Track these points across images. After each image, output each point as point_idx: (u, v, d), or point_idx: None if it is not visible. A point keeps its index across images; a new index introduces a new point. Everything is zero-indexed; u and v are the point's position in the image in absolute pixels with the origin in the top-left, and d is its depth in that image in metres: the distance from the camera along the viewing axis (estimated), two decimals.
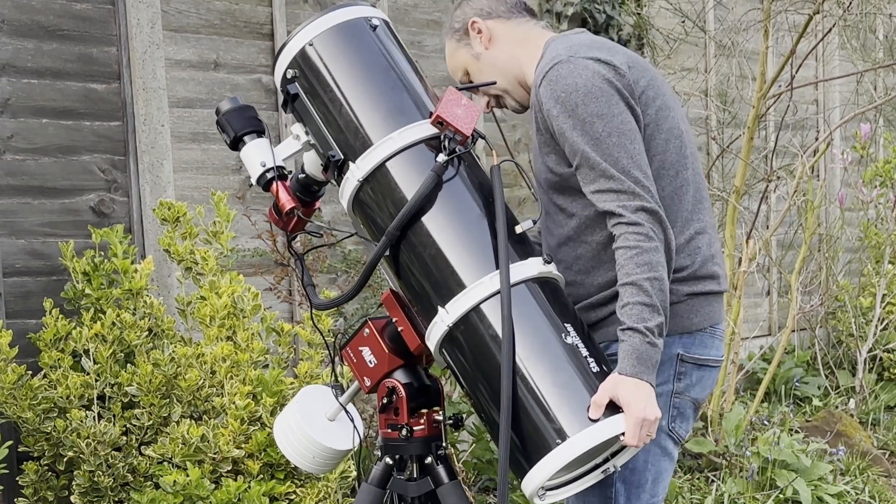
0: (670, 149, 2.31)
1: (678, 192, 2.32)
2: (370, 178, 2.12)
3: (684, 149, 2.35)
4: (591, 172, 2.19)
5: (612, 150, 2.17)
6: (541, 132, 2.28)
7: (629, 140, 2.19)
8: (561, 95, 2.20)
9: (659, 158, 2.27)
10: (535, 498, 2.03)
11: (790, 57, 5.06)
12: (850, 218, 7.35)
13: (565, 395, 2.00)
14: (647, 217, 2.16)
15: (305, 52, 2.18)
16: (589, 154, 2.17)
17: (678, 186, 2.33)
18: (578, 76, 2.20)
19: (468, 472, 4.55)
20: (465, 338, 2.06)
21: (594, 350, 2.09)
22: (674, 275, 2.28)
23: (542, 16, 5.87)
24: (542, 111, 2.25)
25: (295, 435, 2.29)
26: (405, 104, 2.16)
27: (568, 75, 2.21)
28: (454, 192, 2.11)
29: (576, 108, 2.19)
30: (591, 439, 1.97)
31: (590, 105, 2.18)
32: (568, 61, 2.22)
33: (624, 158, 2.17)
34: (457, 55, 2.44)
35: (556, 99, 2.20)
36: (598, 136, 2.18)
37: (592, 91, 2.19)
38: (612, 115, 2.19)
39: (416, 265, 2.11)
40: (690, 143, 2.40)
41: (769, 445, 4.92)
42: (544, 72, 2.24)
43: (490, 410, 2.07)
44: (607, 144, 2.17)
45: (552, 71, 2.23)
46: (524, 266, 2.07)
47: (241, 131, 2.24)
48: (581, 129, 2.18)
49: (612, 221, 2.18)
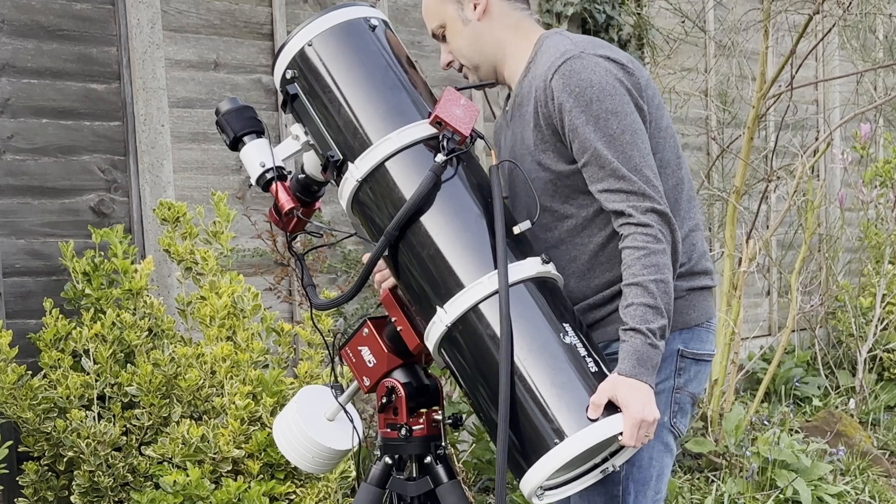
0: (668, 147, 2.31)
1: (676, 189, 2.32)
2: (369, 179, 2.12)
3: (677, 147, 2.36)
4: (601, 171, 2.18)
5: (625, 149, 2.17)
6: (539, 128, 2.25)
7: (640, 139, 2.19)
8: (576, 90, 2.18)
9: (659, 157, 2.27)
10: (533, 498, 2.03)
11: (790, 57, 5.06)
12: (850, 218, 7.36)
13: (564, 394, 2.00)
14: (656, 219, 2.15)
15: (304, 53, 2.18)
16: (601, 151, 2.16)
17: (676, 184, 2.33)
18: (593, 72, 2.19)
19: (468, 472, 4.55)
20: (463, 337, 2.06)
21: (593, 350, 2.09)
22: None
23: (542, 16, 5.87)
24: (549, 105, 2.22)
25: (294, 435, 2.30)
26: (404, 104, 2.16)
27: (582, 70, 2.19)
28: (453, 192, 2.11)
29: (590, 103, 2.17)
30: (589, 439, 1.97)
31: (605, 102, 2.17)
32: (580, 56, 2.21)
33: (636, 157, 2.17)
34: (442, 6, 2.37)
35: (570, 93, 2.18)
36: (612, 133, 2.17)
37: (607, 88, 2.18)
38: (625, 114, 2.18)
39: (415, 265, 2.11)
40: (679, 141, 2.42)
41: (769, 445, 4.92)
42: (556, 66, 2.22)
43: (489, 410, 2.07)
44: (621, 142, 2.17)
45: (565, 65, 2.21)
46: (522, 266, 2.07)
47: (240, 132, 2.24)
48: (595, 125, 2.17)
49: (620, 221, 2.18)
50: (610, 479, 2.20)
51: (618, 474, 2.21)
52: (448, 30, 2.36)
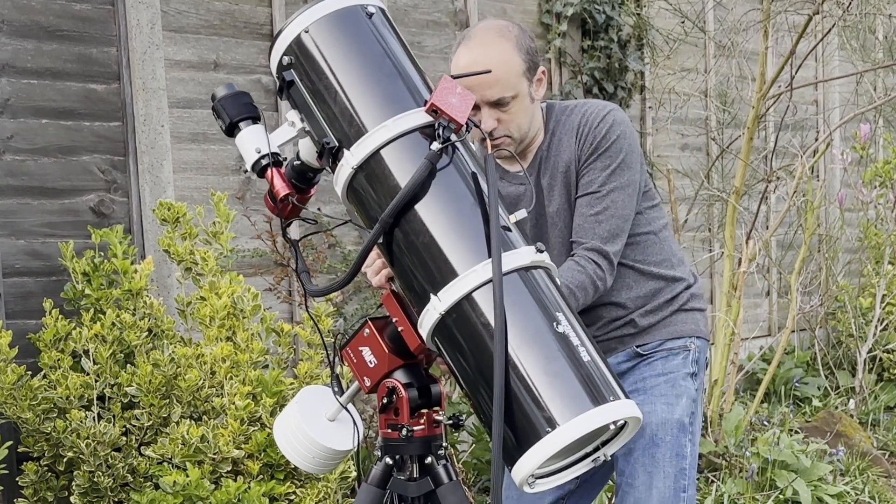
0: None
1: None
2: (364, 166, 2.12)
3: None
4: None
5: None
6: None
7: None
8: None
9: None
10: (525, 486, 2.03)
11: (790, 57, 5.06)
12: (850, 218, 7.36)
13: (556, 383, 2.00)
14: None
15: (301, 39, 2.18)
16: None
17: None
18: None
19: (468, 473, 4.55)
20: (457, 326, 2.06)
21: (585, 339, 2.09)
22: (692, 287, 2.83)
23: (542, 16, 5.88)
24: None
25: (295, 435, 2.29)
26: (400, 92, 2.16)
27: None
28: (448, 181, 2.10)
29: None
30: (581, 428, 1.97)
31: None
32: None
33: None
34: (519, 80, 2.60)
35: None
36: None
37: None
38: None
39: (409, 253, 2.11)
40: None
41: (769, 446, 4.92)
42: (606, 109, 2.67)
43: (480, 399, 2.07)
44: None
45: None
46: (516, 255, 2.07)
47: (236, 117, 2.24)
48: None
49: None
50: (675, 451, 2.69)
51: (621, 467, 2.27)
52: (516, 102, 2.60)
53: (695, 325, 2.84)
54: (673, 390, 2.77)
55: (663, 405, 2.75)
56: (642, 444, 2.74)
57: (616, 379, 2.05)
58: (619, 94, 6.11)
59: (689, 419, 2.78)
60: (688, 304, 2.85)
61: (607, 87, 6.04)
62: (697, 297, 2.89)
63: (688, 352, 2.81)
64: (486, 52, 2.58)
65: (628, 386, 2.72)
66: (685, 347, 2.81)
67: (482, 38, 2.61)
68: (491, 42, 2.60)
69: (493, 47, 2.59)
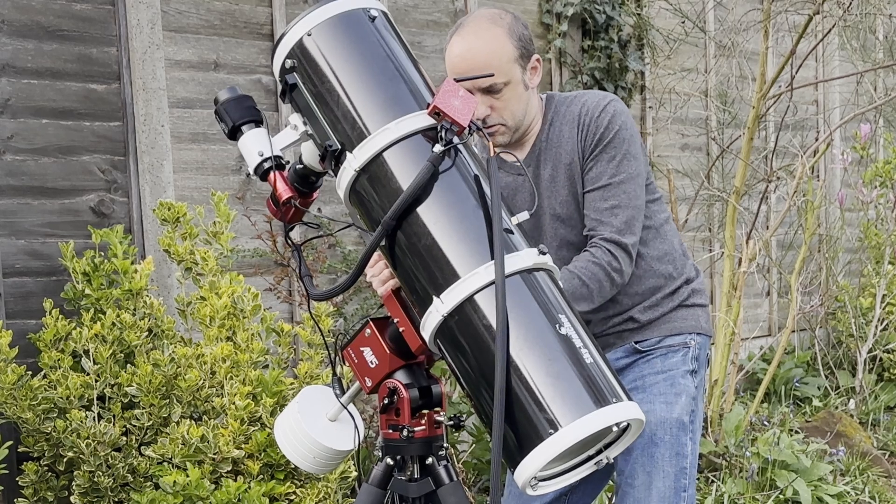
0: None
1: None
2: (367, 169, 2.12)
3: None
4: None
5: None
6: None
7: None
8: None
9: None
10: (527, 488, 2.03)
11: (790, 57, 5.06)
12: (850, 218, 7.36)
13: (558, 385, 2.00)
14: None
15: (303, 43, 2.18)
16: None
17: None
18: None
19: (468, 473, 4.55)
20: (459, 328, 2.06)
21: (588, 341, 2.09)
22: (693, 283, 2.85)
23: (542, 16, 5.88)
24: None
25: (295, 435, 2.29)
26: (402, 95, 2.16)
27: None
28: (450, 183, 2.10)
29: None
30: (583, 429, 1.97)
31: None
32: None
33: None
34: (511, 66, 2.59)
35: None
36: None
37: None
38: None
39: (412, 255, 2.11)
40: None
41: (769, 446, 4.92)
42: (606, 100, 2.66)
43: (483, 401, 2.07)
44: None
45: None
46: (518, 257, 2.07)
47: (239, 121, 2.24)
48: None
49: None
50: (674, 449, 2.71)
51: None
52: (509, 89, 2.60)
53: (695, 321, 2.83)
54: (672, 388, 2.76)
55: (662, 404, 2.74)
56: (641, 444, 2.73)
57: (619, 381, 2.05)
58: (619, 94, 6.11)
59: (689, 417, 2.77)
60: (689, 300, 2.84)
61: (607, 87, 6.04)
62: (699, 293, 2.88)
63: (687, 349, 2.80)
64: (477, 38, 2.59)
65: (627, 384, 2.72)
66: (685, 344, 2.80)
67: (474, 25, 2.61)
68: (483, 29, 2.60)
69: (484, 34, 2.59)
